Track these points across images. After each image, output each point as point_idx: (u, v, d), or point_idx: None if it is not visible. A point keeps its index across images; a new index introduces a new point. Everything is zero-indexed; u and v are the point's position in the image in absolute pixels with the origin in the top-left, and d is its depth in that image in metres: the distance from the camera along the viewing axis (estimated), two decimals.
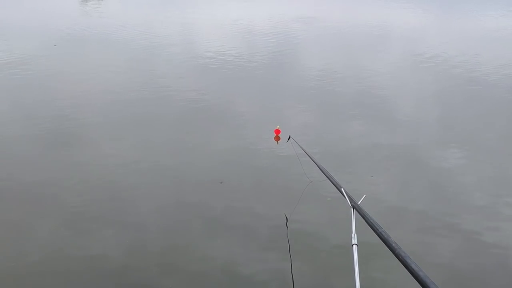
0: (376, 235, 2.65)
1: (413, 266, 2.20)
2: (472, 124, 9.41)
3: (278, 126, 8.36)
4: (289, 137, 7.16)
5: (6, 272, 5.01)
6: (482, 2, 27.17)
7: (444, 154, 8.02)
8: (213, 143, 8.16)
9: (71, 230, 5.71)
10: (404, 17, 22.56)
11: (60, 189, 6.59)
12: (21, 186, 6.65)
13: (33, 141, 8.18)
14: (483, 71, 13.24)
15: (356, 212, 3.16)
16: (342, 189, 3.64)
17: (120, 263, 5.16)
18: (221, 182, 6.85)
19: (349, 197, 3.43)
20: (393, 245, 2.43)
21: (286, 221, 5.76)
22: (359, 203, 3.28)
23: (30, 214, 5.99)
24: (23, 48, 14.50)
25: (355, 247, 2.83)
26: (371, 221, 2.79)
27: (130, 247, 5.44)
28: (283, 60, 14.14)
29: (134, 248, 5.42)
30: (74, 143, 8.07)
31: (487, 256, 5.49)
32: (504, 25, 20.66)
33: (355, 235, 2.91)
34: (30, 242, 5.47)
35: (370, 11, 24.00)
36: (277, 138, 8.27)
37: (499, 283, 5.12)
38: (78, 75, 12.07)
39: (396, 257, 2.36)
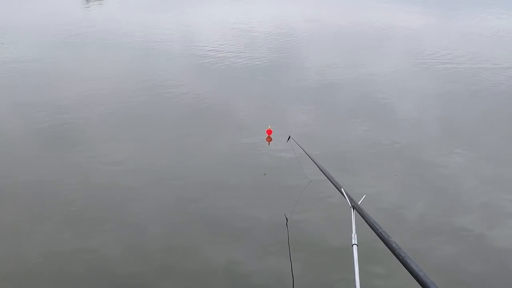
0: (376, 235, 2.65)
1: (413, 266, 2.19)
2: (474, 125, 9.40)
3: (269, 126, 8.33)
4: (289, 137, 7.15)
5: (12, 271, 5.01)
6: (482, 2, 27.18)
7: (445, 155, 8.01)
8: (213, 143, 8.16)
9: (71, 230, 5.71)
10: (405, 18, 22.55)
11: (59, 190, 6.58)
12: (21, 186, 6.64)
13: (33, 141, 8.18)
14: (485, 72, 13.23)
15: (356, 212, 3.15)
16: (342, 189, 3.63)
17: (120, 264, 5.16)
18: (264, 174, 7.02)
19: (349, 197, 3.42)
20: (393, 245, 2.42)
21: (286, 221, 5.75)
22: (359, 203, 3.27)
23: (30, 214, 5.98)
24: (23, 49, 14.50)
25: (355, 247, 2.83)
26: (371, 221, 2.78)
27: (130, 248, 5.43)
28: (283, 60, 14.14)
29: (134, 249, 5.42)
30: (74, 143, 8.06)
31: (487, 256, 5.49)
32: (505, 25, 20.67)
33: (355, 235, 2.90)
34: (29, 242, 5.47)
35: (371, 12, 23.99)
36: (269, 139, 8.25)
37: (500, 284, 5.12)
38: (78, 75, 12.06)
39: (396, 257, 2.36)
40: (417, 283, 2.12)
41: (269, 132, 8.30)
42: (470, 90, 11.68)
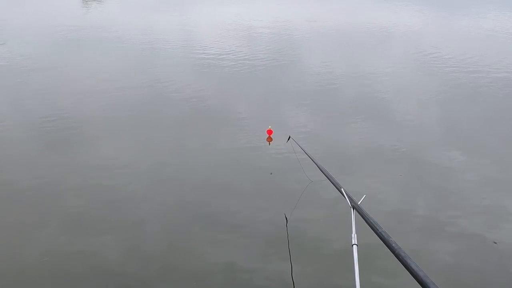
0: (376, 235, 2.65)
1: (413, 266, 2.20)
2: (474, 125, 9.40)
3: (270, 126, 8.34)
4: (289, 137, 7.16)
5: (12, 272, 5.02)
6: (482, 2, 27.18)
7: (445, 155, 8.01)
8: (214, 143, 8.16)
9: (71, 230, 5.71)
10: (405, 18, 22.56)
11: (59, 190, 6.58)
12: (21, 187, 6.64)
13: (32, 141, 8.18)
14: (485, 72, 13.23)
15: (356, 212, 3.15)
16: (342, 189, 3.64)
17: (120, 265, 5.16)
18: (271, 174, 7.07)
19: (349, 197, 3.43)
20: (393, 245, 2.43)
21: (286, 221, 5.76)
22: (359, 203, 3.27)
23: (29, 215, 5.98)
24: (23, 49, 14.50)
25: (355, 247, 2.83)
26: (371, 221, 2.78)
27: (130, 248, 5.43)
28: (284, 61, 14.13)
29: (134, 249, 5.42)
30: (73, 143, 8.07)
31: (488, 257, 5.49)
32: (505, 25, 20.67)
33: (355, 235, 2.91)
34: (29, 243, 5.47)
35: (371, 12, 24.00)
36: (269, 139, 8.26)
37: (500, 284, 5.11)
38: (78, 75, 12.07)
39: (396, 257, 2.36)
40: (417, 283, 2.12)
41: (270, 132, 8.31)
42: (471, 90, 11.68)
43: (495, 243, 5.66)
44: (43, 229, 5.71)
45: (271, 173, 7.13)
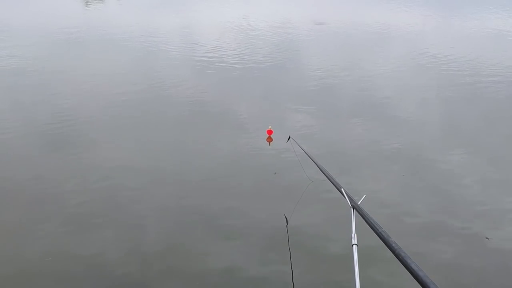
0: (376, 235, 2.65)
1: (413, 266, 2.20)
2: (475, 126, 9.40)
3: (270, 127, 8.34)
4: (289, 137, 7.16)
5: (15, 271, 5.02)
6: (483, 2, 27.18)
7: (446, 155, 8.02)
8: (214, 144, 8.16)
9: (71, 231, 5.71)
10: (406, 19, 22.56)
11: (60, 190, 6.58)
12: (21, 187, 6.64)
13: (33, 142, 8.18)
14: (485, 72, 13.23)
15: (356, 212, 3.15)
16: (342, 189, 3.64)
17: (120, 265, 5.16)
18: (275, 173, 7.08)
19: (349, 197, 3.43)
20: (393, 245, 2.43)
21: (286, 221, 5.76)
22: (359, 203, 3.28)
23: (30, 215, 5.98)
24: (24, 49, 14.51)
25: (355, 247, 2.83)
26: (371, 221, 2.79)
27: (130, 248, 5.43)
28: (284, 61, 14.14)
29: (134, 249, 5.42)
30: (74, 144, 8.07)
31: (488, 257, 5.49)
32: (506, 26, 20.68)
33: (355, 235, 2.91)
34: (29, 243, 5.47)
35: (372, 12, 24.00)
36: (270, 139, 8.26)
37: (500, 284, 5.11)
38: (78, 76, 12.07)
39: (396, 257, 2.36)
40: (417, 283, 2.12)
41: (270, 132, 8.31)
42: (473, 90, 11.68)
43: (487, 238, 5.67)
44: (44, 229, 5.71)
45: (275, 173, 7.13)
